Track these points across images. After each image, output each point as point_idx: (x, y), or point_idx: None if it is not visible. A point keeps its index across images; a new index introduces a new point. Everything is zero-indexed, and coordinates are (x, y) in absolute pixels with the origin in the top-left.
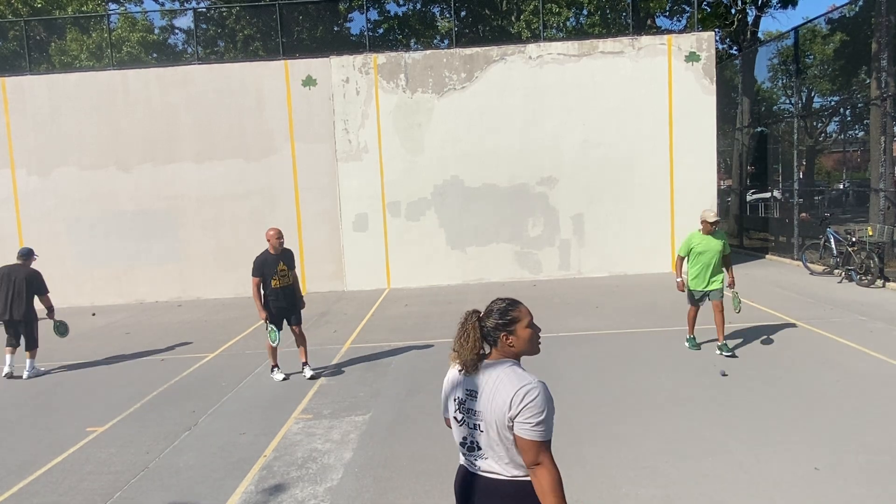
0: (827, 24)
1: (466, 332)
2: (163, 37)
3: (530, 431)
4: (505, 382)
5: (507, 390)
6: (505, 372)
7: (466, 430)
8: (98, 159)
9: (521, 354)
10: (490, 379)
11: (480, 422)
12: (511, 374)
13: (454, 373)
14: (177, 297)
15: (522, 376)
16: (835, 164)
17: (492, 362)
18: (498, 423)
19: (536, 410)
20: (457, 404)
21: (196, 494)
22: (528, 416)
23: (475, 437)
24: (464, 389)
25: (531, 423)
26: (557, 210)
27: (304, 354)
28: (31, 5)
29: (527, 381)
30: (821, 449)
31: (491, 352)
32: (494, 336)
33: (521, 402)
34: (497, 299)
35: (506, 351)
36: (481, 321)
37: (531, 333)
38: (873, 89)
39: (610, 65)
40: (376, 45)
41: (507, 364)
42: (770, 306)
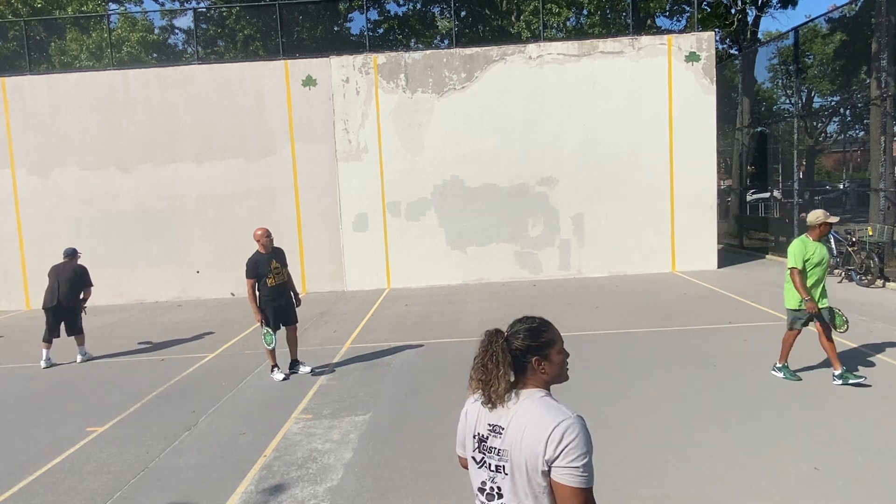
0: (827, 23)
1: (494, 356)
2: (163, 37)
3: (574, 477)
4: (537, 417)
5: (541, 427)
6: (536, 404)
7: (487, 473)
8: (98, 159)
9: (551, 383)
10: (519, 413)
11: (505, 463)
12: (544, 407)
13: (475, 406)
14: (177, 297)
15: (558, 410)
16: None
17: (518, 394)
18: (529, 468)
19: (580, 452)
20: (476, 441)
21: (196, 494)
22: (570, 460)
23: (497, 483)
24: (486, 424)
25: (574, 466)
26: (557, 210)
27: (293, 352)
28: (31, 5)
29: (565, 416)
30: (821, 449)
31: (516, 381)
32: (523, 361)
33: (559, 442)
34: (525, 318)
35: (536, 379)
36: (508, 342)
37: (562, 360)
38: (873, 89)
39: (610, 65)
40: (376, 45)
41: (537, 394)
42: (770, 306)
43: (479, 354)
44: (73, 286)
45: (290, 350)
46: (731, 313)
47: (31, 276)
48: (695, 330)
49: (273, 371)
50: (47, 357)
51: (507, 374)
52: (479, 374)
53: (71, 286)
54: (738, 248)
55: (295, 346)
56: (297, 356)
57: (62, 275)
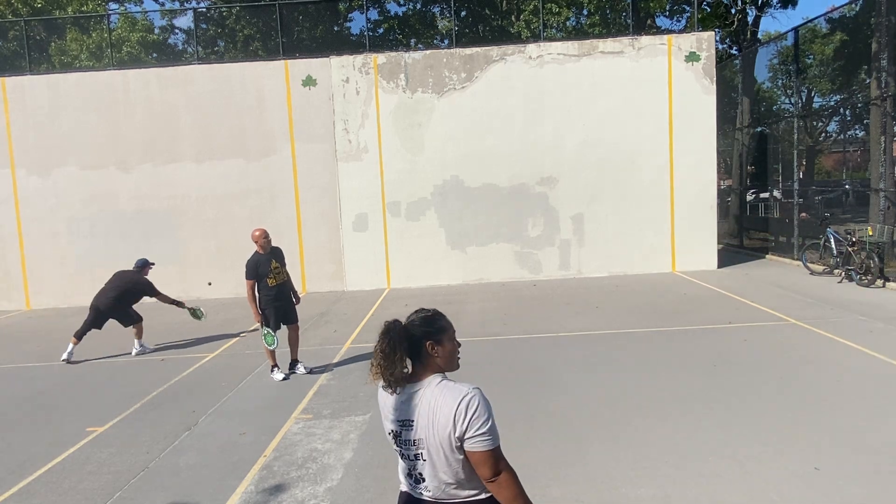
0: (827, 24)
1: (392, 342)
2: (163, 37)
3: (482, 442)
4: (440, 402)
5: (445, 410)
6: (437, 389)
7: (408, 461)
8: (98, 159)
9: (445, 369)
10: (423, 402)
11: (421, 450)
12: (444, 390)
13: (384, 394)
14: (177, 297)
15: (456, 388)
16: (835, 164)
17: (419, 384)
18: (444, 448)
19: (483, 419)
20: (392, 437)
21: (196, 494)
22: (476, 428)
23: (418, 469)
24: (395, 420)
25: (481, 433)
26: (557, 210)
27: (293, 352)
28: (31, 5)
29: (464, 393)
30: (821, 449)
31: (413, 370)
32: (419, 346)
33: (465, 417)
34: (420, 309)
35: (430, 364)
36: (406, 329)
37: (454, 347)
38: (873, 89)
39: (610, 65)
40: (376, 45)
41: (435, 380)
42: (770, 306)
43: (378, 342)
44: (123, 296)
45: (291, 350)
46: (731, 313)
47: (32, 276)
48: (695, 330)
49: (273, 371)
50: (70, 351)
51: (402, 357)
52: (378, 359)
53: (120, 295)
54: (738, 248)
55: (296, 346)
56: (297, 356)
57: (117, 281)
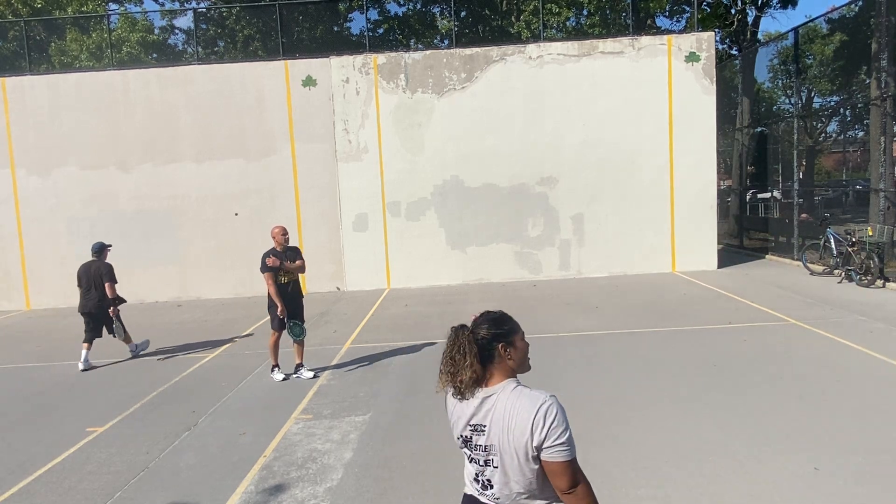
0: (827, 24)
1: (461, 348)
2: (163, 37)
3: (561, 453)
4: (518, 408)
5: (524, 417)
6: (513, 395)
7: (476, 467)
8: (98, 159)
9: (517, 371)
10: (498, 408)
11: (493, 457)
12: (521, 397)
13: (452, 404)
14: (177, 297)
15: (533, 396)
16: (835, 164)
17: (492, 389)
18: (520, 457)
19: (562, 429)
20: (462, 442)
21: (196, 494)
22: (554, 439)
23: (486, 476)
24: (466, 425)
25: (560, 443)
26: (557, 210)
27: (300, 355)
28: (31, 5)
29: (541, 400)
30: (821, 449)
31: (486, 374)
32: (490, 349)
33: (544, 426)
34: (485, 311)
35: (503, 368)
36: (474, 334)
37: (526, 348)
38: (873, 89)
39: (610, 65)
40: (376, 45)
41: (510, 385)
42: (770, 306)
43: (446, 349)
44: (101, 289)
45: (297, 353)
46: (731, 313)
47: (32, 276)
48: (695, 330)
49: (273, 371)
50: (85, 358)
51: (473, 363)
52: (447, 366)
53: (97, 289)
54: (738, 248)
55: (302, 350)
56: (303, 360)
57: (86, 279)
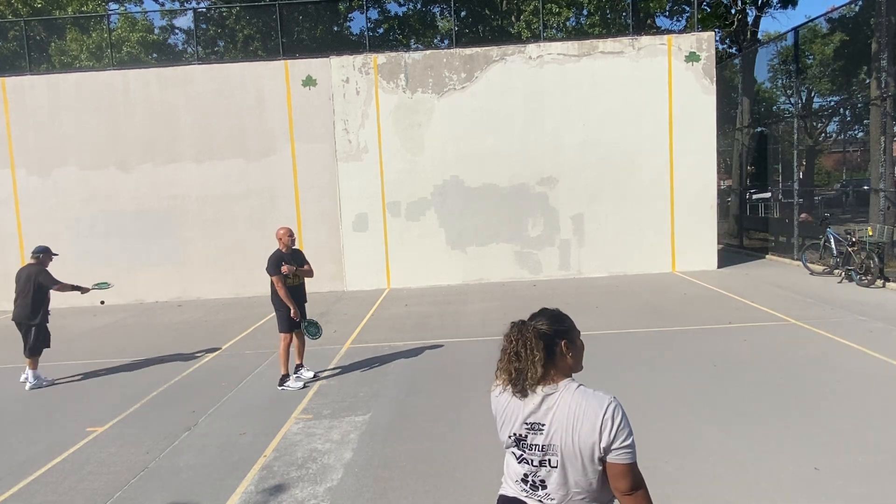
0: (827, 24)
1: (528, 343)
2: (163, 37)
3: (626, 455)
4: (585, 409)
5: (591, 417)
6: (578, 395)
7: (528, 467)
8: (98, 159)
9: (573, 370)
10: (562, 407)
11: (552, 457)
12: (586, 397)
13: (503, 398)
14: (177, 297)
15: (599, 396)
16: (835, 164)
17: (554, 387)
18: (584, 456)
19: (627, 431)
20: (514, 441)
21: (196, 494)
22: (621, 441)
23: (540, 476)
24: (521, 423)
25: (625, 445)
26: (557, 210)
27: (300, 356)
28: (31, 5)
29: (608, 401)
30: (821, 449)
31: (545, 372)
32: (553, 346)
33: (612, 428)
34: (543, 308)
35: (563, 366)
36: (537, 329)
37: (583, 346)
38: (873, 89)
39: (610, 65)
40: (376, 45)
41: (573, 385)
42: (770, 306)
43: (509, 345)
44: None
45: (297, 354)
46: (731, 313)
47: None
48: (695, 330)
49: (286, 381)
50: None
51: (542, 358)
52: (512, 363)
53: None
54: (738, 248)
55: (303, 351)
56: (302, 360)
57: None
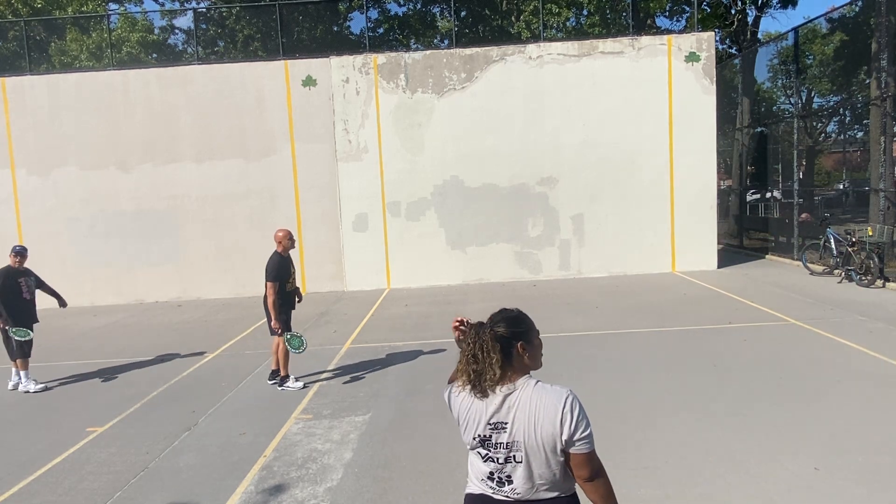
0: (827, 24)
1: (484, 345)
2: (163, 37)
3: (585, 445)
4: (545, 404)
5: (550, 411)
6: (536, 392)
7: (493, 465)
8: (98, 159)
9: (531, 368)
10: (521, 404)
11: (516, 453)
12: (544, 392)
13: (463, 400)
14: (177, 297)
15: (556, 391)
16: (835, 165)
17: (513, 386)
18: (546, 449)
19: (585, 421)
20: (478, 441)
21: (196, 494)
22: (581, 431)
23: (506, 472)
24: (485, 424)
25: (585, 436)
26: (557, 210)
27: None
28: (31, 5)
29: (564, 395)
30: (821, 449)
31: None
32: (510, 348)
33: (571, 420)
34: (502, 309)
35: (521, 365)
36: (493, 332)
37: (540, 344)
38: (873, 89)
39: (610, 65)
40: (376, 45)
41: (531, 382)
42: (770, 306)
43: (468, 347)
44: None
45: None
46: (731, 313)
47: None
48: (695, 330)
49: (286, 381)
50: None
51: (499, 360)
52: (471, 364)
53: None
54: (738, 248)
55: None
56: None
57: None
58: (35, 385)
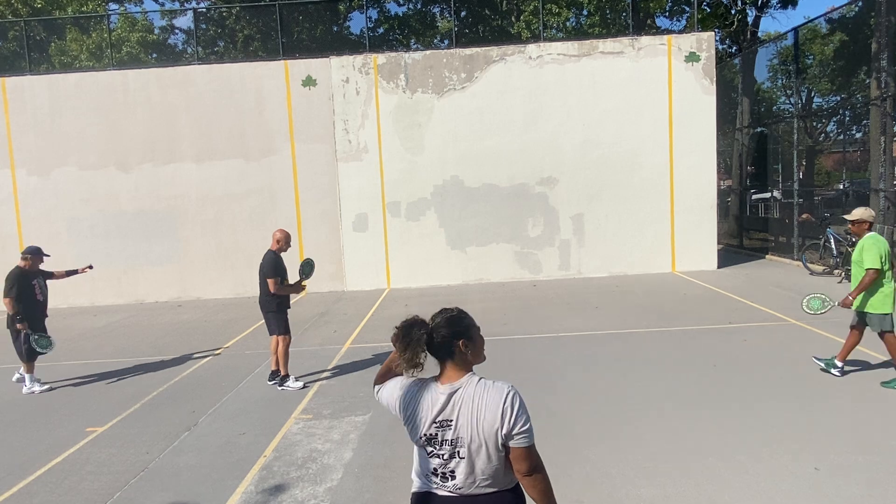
0: (827, 24)
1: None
2: (163, 37)
3: (525, 439)
4: (487, 400)
5: (492, 407)
6: (479, 388)
7: (438, 461)
8: (98, 159)
9: (474, 363)
10: (464, 401)
11: (460, 448)
12: (486, 389)
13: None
14: (177, 297)
15: (498, 387)
16: (835, 165)
17: (457, 384)
18: (488, 444)
19: (526, 416)
20: (425, 440)
21: (196, 494)
22: (520, 426)
23: (450, 467)
24: (431, 423)
25: (524, 430)
26: (557, 210)
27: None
28: (31, 5)
29: (506, 391)
30: (821, 449)
31: (447, 371)
32: (451, 347)
33: (512, 415)
34: (443, 309)
35: (462, 361)
36: (431, 333)
37: (482, 339)
38: (873, 89)
39: (610, 65)
40: (376, 45)
41: (474, 379)
42: (770, 306)
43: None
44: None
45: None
46: (731, 313)
47: None
48: (695, 330)
49: (287, 380)
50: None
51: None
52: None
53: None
54: (738, 248)
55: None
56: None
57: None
58: (40, 386)
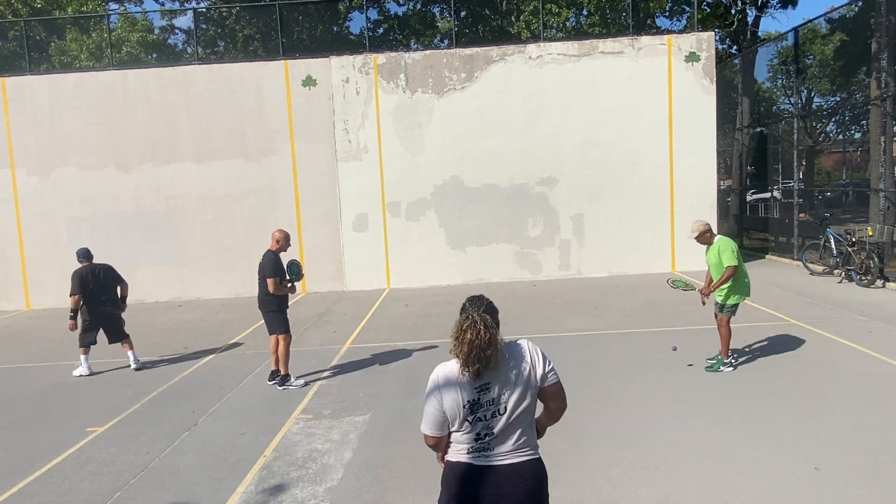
0: (827, 24)
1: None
2: (163, 37)
3: (556, 375)
4: (515, 354)
5: (526, 359)
6: (508, 350)
7: (481, 424)
8: (98, 159)
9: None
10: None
11: (501, 405)
12: (510, 346)
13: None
14: (177, 297)
15: (517, 343)
16: (835, 165)
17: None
18: (530, 393)
19: (548, 357)
20: (467, 408)
21: (196, 494)
22: (550, 365)
23: (491, 427)
24: (471, 389)
25: (552, 367)
26: (557, 210)
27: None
28: (31, 5)
29: (525, 342)
30: (821, 449)
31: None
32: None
33: (539, 358)
34: (475, 297)
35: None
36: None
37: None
38: (873, 89)
39: (610, 65)
40: (376, 45)
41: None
42: (770, 306)
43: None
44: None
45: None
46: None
47: (31, 277)
48: (695, 330)
49: (288, 380)
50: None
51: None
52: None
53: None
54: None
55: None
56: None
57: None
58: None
